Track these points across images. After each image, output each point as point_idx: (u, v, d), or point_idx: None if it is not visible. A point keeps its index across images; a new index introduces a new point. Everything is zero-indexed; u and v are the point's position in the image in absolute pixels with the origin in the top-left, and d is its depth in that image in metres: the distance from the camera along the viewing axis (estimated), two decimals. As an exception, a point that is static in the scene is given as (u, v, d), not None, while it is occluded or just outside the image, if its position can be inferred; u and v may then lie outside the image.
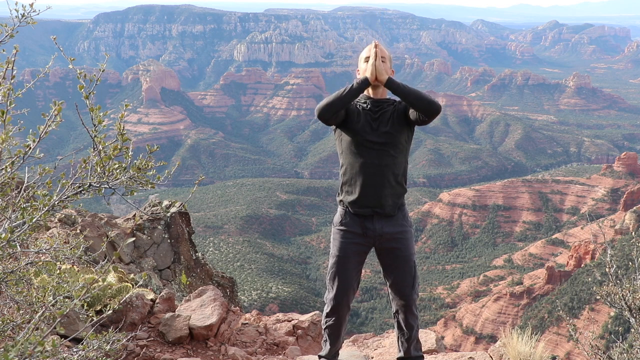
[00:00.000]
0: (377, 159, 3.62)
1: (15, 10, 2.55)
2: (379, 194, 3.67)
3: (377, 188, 3.66)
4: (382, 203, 3.68)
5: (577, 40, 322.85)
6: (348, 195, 3.75)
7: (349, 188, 3.74)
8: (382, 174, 3.64)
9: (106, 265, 3.68)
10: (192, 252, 9.51)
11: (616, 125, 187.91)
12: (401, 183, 3.74)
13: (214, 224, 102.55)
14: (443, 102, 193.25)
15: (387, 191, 3.67)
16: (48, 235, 6.58)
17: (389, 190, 3.68)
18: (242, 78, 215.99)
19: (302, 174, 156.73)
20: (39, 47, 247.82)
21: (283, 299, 76.15)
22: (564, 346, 62.01)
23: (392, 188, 3.69)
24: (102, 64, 2.76)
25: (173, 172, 3.15)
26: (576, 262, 76.80)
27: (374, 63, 3.55)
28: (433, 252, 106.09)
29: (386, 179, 3.66)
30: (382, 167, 3.63)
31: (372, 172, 3.63)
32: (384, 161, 3.63)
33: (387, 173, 3.64)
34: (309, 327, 5.69)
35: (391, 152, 3.63)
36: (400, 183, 3.73)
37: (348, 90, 3.55)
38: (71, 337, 2.92)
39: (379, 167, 3.63)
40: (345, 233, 3.80)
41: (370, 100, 3.73)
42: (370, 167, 3.63)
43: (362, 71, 3.76)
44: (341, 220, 3.82)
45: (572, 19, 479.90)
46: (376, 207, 3.69)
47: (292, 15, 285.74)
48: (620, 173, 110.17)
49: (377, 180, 3.65)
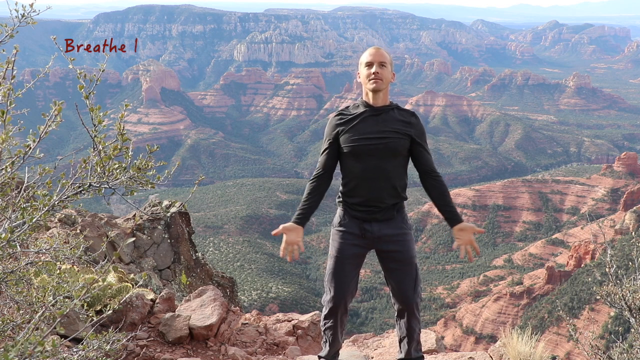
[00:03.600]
0: (378, 161, 3.61)
1: (15, 11, 2.55)
2: (378, 199, 3.65)
3: (377, 191, 3.64)
4: (381, 207, 3.67)
5: (577, 40, 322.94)
6: (347, 198, 3.74)
7: (348, 191, 3.72)
8: (383, 177, 3.63)
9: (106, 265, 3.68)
10: (192, 252, 9.51)
11: (616, 125, 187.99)
12: (401, 186, 3.73)
13: (214, 224, 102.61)
14: (443, 102, 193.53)
15: (387, 193, 3.66)
16: (48, 235, 6.58)
17: (389, 193, 3.67)
18: (242, 78, 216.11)
19: (302, 174, 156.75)
20: (39, 47, 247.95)
21: (283, 299, 76.19)
22: (564, 346, 62.02)
23: (392, 190, 3.68)
24: (102, 64, 2.76)
25: (173, 172, 3.15)
26: (576, 262, 76.83)
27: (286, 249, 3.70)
28: (433, 252, 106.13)
29: (387, 182, 3.65)
30: (382, 170, 3.62)
31: (371, 176, 3.62)
32: (384, 164, 3.62)
33: (387, 176, 3.63)
34: (309, 327, 5.69)
35: (391, 157, 3.62)
36: (400, 186, 3.72)
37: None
38: (71, 337, 2.92)
39: (380, 170, 3.62)
40: (343, 234, 3.79)
41: (371, 108, 3.72)
42: (371, 170, 3.62)
43: (361, 75, 3.75)
44: (340, 221, 3.81)
45: (572, 19, 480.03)
46: (375, 213, 3.68)
47: (292, 15, 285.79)
48: (620, 173, 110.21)
49: (377, 183, 3.63)
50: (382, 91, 3.71)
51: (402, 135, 3.64)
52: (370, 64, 3.68)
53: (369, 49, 3.78)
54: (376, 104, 3.71)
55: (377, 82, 3.66)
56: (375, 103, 3.71)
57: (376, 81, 3.66)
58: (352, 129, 3.66)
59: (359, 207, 3.70)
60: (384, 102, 3.74)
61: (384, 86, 3.70)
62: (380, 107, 3.70)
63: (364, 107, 3.72)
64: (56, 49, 2.52)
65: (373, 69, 3.65)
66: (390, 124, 3.64)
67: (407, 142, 3.67)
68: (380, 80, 3.66)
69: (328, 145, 3.75)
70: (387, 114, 3.67)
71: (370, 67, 3.68)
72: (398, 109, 3.73)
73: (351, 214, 3.75)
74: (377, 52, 3.70)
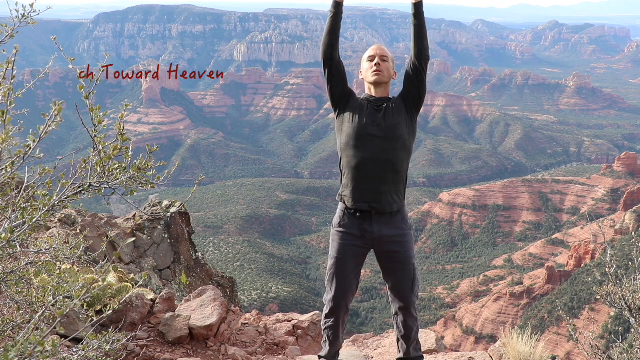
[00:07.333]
0: (378, 153, 3.59)
1: (16, 11, 2.55)
2: (377, 189, 3.62)
3: (376, 182, 3.62)
4: (379, 198, 3.63)
5: (577, 40, 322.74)
6: (345, 189, 3.72)
7: (347, 181, 3.70)
8: (382, 168, 3.60)
9: (106, 265, 3.68)
10: (192, 252, 9.51)
11: (616, 125, 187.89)
12: (401, 180, 3.71)
13: (214, 224, 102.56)
14: (443, 102, 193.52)
15: (385, 187, 3.63)
16: (48, 235, 6.58)
17: (388, 186, 3.64)
18: (242, 78, 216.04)
19: (302, 174, 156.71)
20: (39, 47, 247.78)
21: (283, 299, 76.16)
22: (564, 346, 62.01)
23: (391, 184, 3.65)
24: (102, 64, 2.76)
25: (173, 172, 3.15)
26: (576, 262, 76.82)
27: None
28: (433, 252, 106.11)
29: (385, 174, 3.61)
30: (382, 162, 3.60)
31: (371, 166, 3.60)
32: (384, 155, 3.59)
33: (387, 168, 3.61)
34: (309, 327, 5.69)
35: (392, 146, 3.61)
36: (400, 180, 3.70)
37: (327, 17, 3.78)
38: (71, 337, 2.92)
39: (379, 162, 3.60)
40: (343, 235, 3.78)
41: (373, 99, 3.75)
42: (370, 161, 3.60)
43: (364, 71, 3.80)
44: (340, 221, 3.80)
45: (572, 19, 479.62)
46: (373, 202, 3.64)
47: (292, 15, 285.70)
48: (620, 173, 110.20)
49: (376, 175, 3.61)
50: (384, 86, 3.75)
51: (401, 117, 3.68)
52: (372, 58, 3.77)
53: (371, 47, 3.85)
54: (378, 96, 3.78)
55: (379, 73, 3.71)
56: (377, 95, 3.78)
57: (377, 72, 3.71)
58: (356, 111, 3.71)
59: (356, 198, 3.69)
60: (385, 95, 3.80)
61: (386, 80, 3.75)
62: (382, 98, 3.75)
63: (367, 97, 3.78)
64: (56, 49, 2.52)
65: (374, 61, 3.71)
66: (391, 112, 3.68)
67: (406, 122, 3.70)
68: (382, 73, 3.71)
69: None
70: (388, 104, 3.72)
71: (372, 60, 3.75)
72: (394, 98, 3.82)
73: (350, 207, 3.74)
74: (379, 48, 3.82)
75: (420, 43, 3.66)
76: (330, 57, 3.71)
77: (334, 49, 3.73)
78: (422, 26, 3.66)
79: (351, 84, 3.80)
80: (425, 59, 3.69)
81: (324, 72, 3.77)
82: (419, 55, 3.68)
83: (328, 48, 3.71)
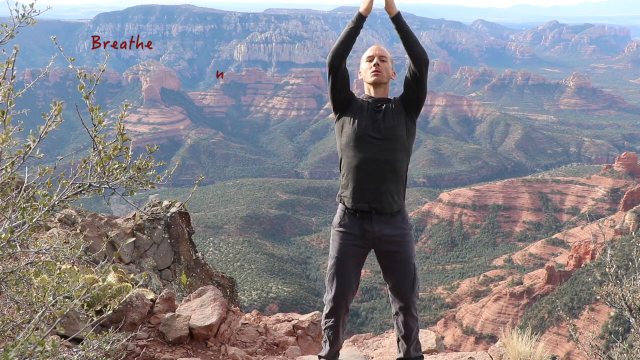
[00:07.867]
0: (377, 153, 3.61)
1: (16, 11, 2.55)
2: (376, 189, 3.63)
3: (375, 183, 3.63)
4: (379, 198, 3.64)
5: (577, 40, 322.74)
6: (345, 190, 3.73)
7: (346, 182, 3.71)
8: (381, 168, 3.61)
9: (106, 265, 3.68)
10: (192, 252, 9.51)
11: (616, 125, 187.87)
12: (400, 180, 3.71)
13: (214, 224, 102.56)
14: (443, 102, 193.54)
15: (385, 187, 3.64)
16: (48, 235, 6.58)
17: (387, 187, 3.64)
18: (242, 78, 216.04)
19: (302, 174, 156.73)
20: (39, 47, 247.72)
21: (283, 299, 76.15)
22: (564, 346, 62.01)
23: (390, 184, 3.66)
24: (102, 64, 2.76)
25: (173, 172, 3.15)
26: (576, 262, 76.82)
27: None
28: (433, 252, 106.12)
29: (385, 175, 3.62)
30: (381, 163, 3.61)
31: (371, 167, 3.61)
32: (384, 156, 3.60)
33: (386, 168, 3.62)
34: (309, 327, 5.69)
35: (392, 147, 3.62)
36: (400, 180, 3.71)
37: (347, 28, 3.73)
38: (71, 337, 2.92)
39: (379, 162, 3.61)
40: (344, 235, 3.78)
41: (372, 99, 3.75)
42: (370, 162, 3.61)
43: (363, 71, 3.80)
44: (340, 221, 3.80)
45: (572, 19, 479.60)
46: (373, 203, 3.64)
47: (292, 15, 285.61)
48: (620, 173, 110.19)
49: (375, 175, 3.62)
50: (383, 86, 3.76)
51: (400, 118, 3.68)
52: (371, 58, 3.77)
53: (370, 47, 3.85)
54: (377, 96, 3.78)
55: (378, 74, 3.72)
56: (376, 95, 3.78)
57: (376, 73, 3.72)
58: (357, 112, 3.71)
59: (356, 198, 3.70)
60: (384, 96, 3.80)
61: (385, 80, 3.76)
62: (381, 98, 3.76)
63: (366, 98, 3.78)
64: (56, 49, 2.52)
65: (373, 62, 3.71)
66: (390, 113, 3.69)
67: (405, 123, 3.70)
68: (380, 73, 3.72)
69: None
70: (387, 105, 3.72)
71: (371, 61, 3.76)
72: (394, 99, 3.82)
73: (350, 207, 3.74)
74: (378, 48, 3.82)
75: (413, 51, 3.63)
76: (338, 66, 3.69)
77: (343, 60, 3.71)
78: (408, 36, 3.63)
79: (351, 84, 3.80)
80: (424, 63, 3.65)
81: (328, 78, 3.74)
82: (416, 61, 3.65)
83: (337, 58, 3.67)
